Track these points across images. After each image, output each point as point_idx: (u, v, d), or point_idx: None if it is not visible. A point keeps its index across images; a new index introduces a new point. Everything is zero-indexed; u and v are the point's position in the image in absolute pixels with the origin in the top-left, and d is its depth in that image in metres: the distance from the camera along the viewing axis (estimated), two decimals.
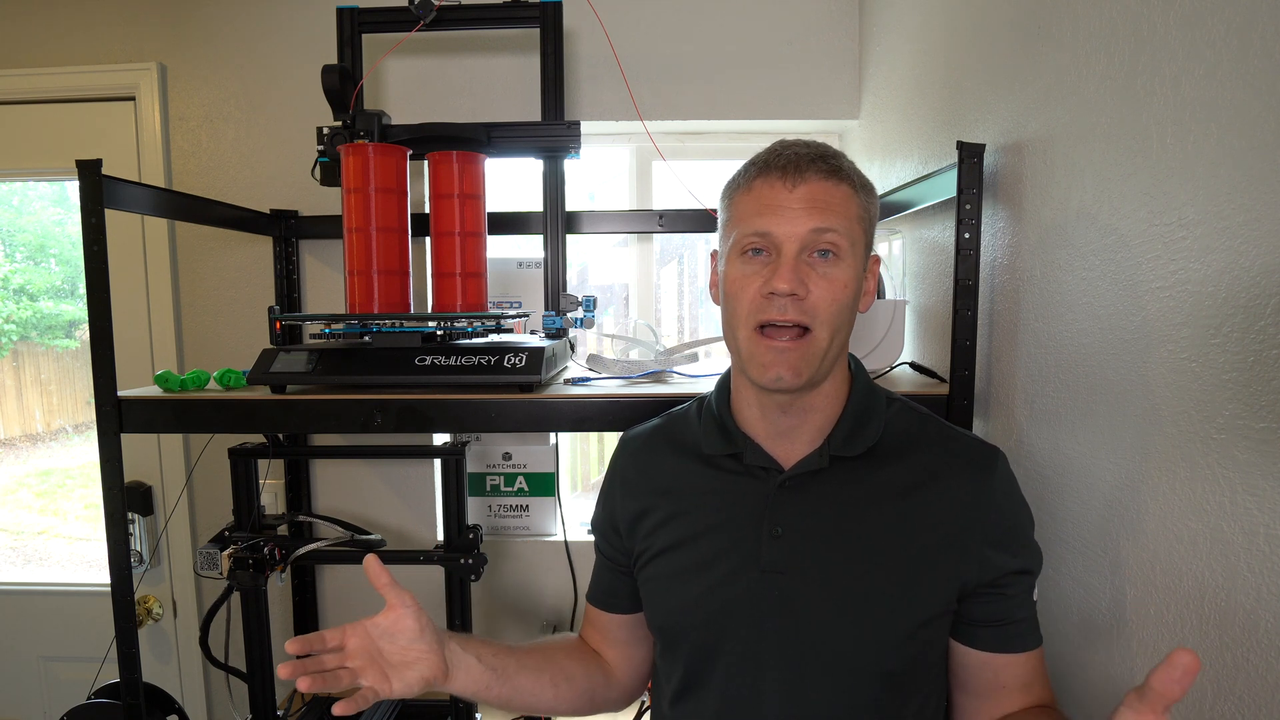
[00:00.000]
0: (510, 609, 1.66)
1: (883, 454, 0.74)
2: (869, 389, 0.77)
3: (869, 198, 0.72)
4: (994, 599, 0.71)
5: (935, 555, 0.70)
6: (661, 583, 0.77)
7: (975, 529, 0.70)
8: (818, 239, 0.67)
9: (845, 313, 0.70)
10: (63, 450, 1.86)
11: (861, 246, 0.71)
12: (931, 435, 0.75)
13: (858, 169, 0.72)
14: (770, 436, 0.75)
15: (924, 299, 1.22)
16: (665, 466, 0.81)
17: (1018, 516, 0.72)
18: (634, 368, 1.18)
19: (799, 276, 0.66)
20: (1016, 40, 0.91)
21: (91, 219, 0.97)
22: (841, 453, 0.73)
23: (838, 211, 0.68)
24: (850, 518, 0.72)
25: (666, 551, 0.77)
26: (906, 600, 0.70)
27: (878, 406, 0.76)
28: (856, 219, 0.70)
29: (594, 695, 0.85)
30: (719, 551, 0.74)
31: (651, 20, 1.53)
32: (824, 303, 0.67)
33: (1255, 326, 0.56)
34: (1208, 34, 0.60)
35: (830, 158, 0.70)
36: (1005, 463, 0.74)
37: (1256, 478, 0.56)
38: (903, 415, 0.77)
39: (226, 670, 1.36)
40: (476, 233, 1.19)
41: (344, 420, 1.01)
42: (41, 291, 1.77)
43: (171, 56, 1.57)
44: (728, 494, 0.76)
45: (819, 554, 0.71)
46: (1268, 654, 0.55)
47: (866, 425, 0.74)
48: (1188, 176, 0.62)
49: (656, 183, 1.69)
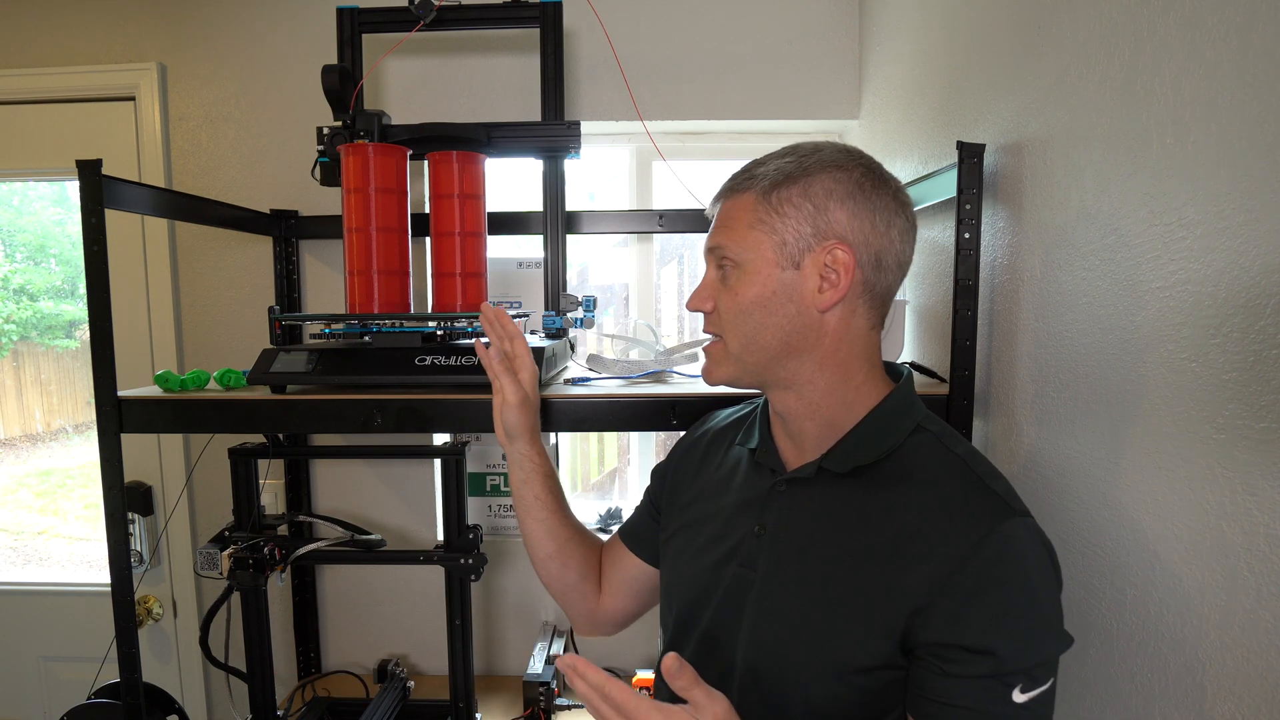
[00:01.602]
0: (510, 609, 1.66)
1: (880, 479, 0.68)
2: (896, 411, 0.70)
3: (785, 190, 0.67)
4: (928, 667, 0.60)
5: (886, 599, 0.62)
6: (671, 555, 0.83)
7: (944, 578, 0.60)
8: (717, 258, 0.73)
9: (750, 318, 0.69)
10: (63, 450, 1.86)
11: (771, 247, 0.67)
12: (949, 475, 0.66)
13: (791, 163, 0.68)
14: (783, 438, 0.77)
15: (924, 299, 1.22)
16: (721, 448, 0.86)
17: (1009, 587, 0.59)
18: (634, 368, 1.18)
19: (702, 295, 0.74)
20: (1016, 40, 0.91)
21: (91, 219, 0.97)
22: (829, 466, 0.70)
23: (731, 225, 0.71)
24: (818, 534, 0.69)
25: (685, 528, 0.82)
26: (836, 635, 0.64)
27: (895, 429, 0.69)
28: (755, 223, 0.68)
29: (569, 597, 0.94)
30: (715, 537, 0.77)
31: (651, 20, 1.53)
32: (727, 313, 0.72)
33: (1255, 326, 0.56)
34: (1208, 34, 0.60)
35: (749, 170, 0.71)
36: (1020, 530, 0.61)
37: (1256, 478, 0.56)
38: (926, 448, 0.68)
39: (226, 670, 1.36)
40: (476, 233, 1.19)
41: (344, 420, 1.01)
42: (41, 291, 1.77)
43: (171, 56, 1.57)
44: (741, 486, 0.78)
45: (781, 563, 0.70)
46: (1268, 654, 0.55)
47: (866, 444, 0.69)
48: (1188, 176, 0.62)
49: (656, 183, 1.69)
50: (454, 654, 1.33)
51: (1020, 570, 0.60)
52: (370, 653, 1.66)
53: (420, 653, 1.67)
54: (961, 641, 0.59)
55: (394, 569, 1.64)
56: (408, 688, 1.49)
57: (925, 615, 0.60)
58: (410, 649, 1.67)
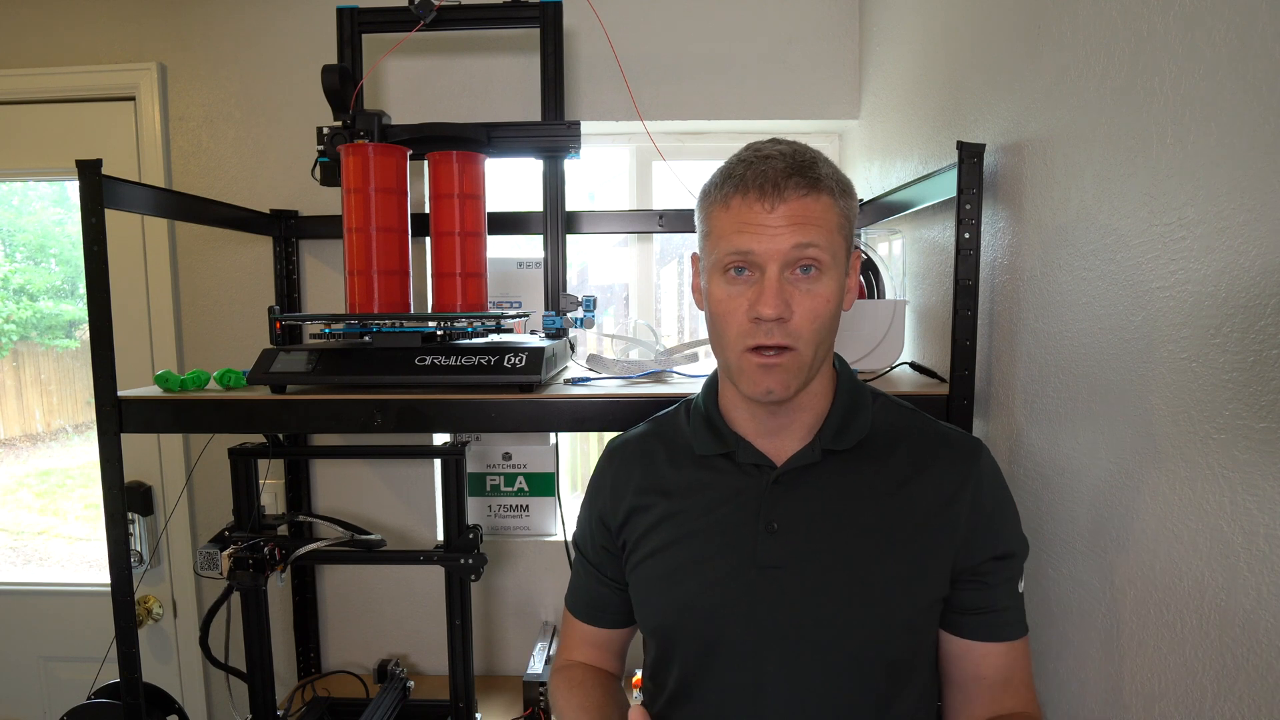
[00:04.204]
0: (510, 609, 1.66)
1: (872, 447, 0.76)
2: (854, 385, 0.79)
3: (848, 201, 0.71)
4: (976, 586, 0.73)
5: (929, 543, 0.72)
6: (656, 583, 0.77)
7: (961, 516, 0.72)
8: (800, 255, 0.67)
9: (828, 325, 0.70)
10: (63, 450, 1.86)
11: (843, 254, 0.71)
12: (917, 428, 0.77)
13: (835, 170, 0.71)
14: (760, 434, 0.76)
15: (924, 299, 1.22)
16: (658, 469, 0.81)
17: (1000, 505, 0.74)
18: (634, 368, 1.18)
19: (782, 299, 0.67)
20: (1017, 40, 0.91)
21: (91, 219, 0.97)
22: (833, 446, 0.74)
23: (818, 224, 0.67)
24: (846, 510, 0.73)
25: (660, 551, 0.77)
26: (906, 588, 0.71)
27: (864, 401, 0.78)
28: (837, 228, 0.69)
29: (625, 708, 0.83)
30: (714, 550, 0.74)
31: (651, 20, 1.53)
32: (807, 320, 0.68)
33: (1255, 326, 0.56)
34: (1208, 34, 0.60)
35: (808, 168, 0.68)
36: (988, 454, 0.76)
37: (1256, 478, 0.56)
38: (888, 410, 0.79)
39: (226, 670, 1.36)
40: (476, 233, 1.19)
41: (344, 420, 1.01)
42: (41, 291, 1.77)
43: (171, 56, 1.57)
44: (721, 493, 0.76)
45: (817, 547, 0.72)
46: (1268, 654, 0.55)
47: (855, 419, 0.76)
48: (1188, 176, 0.62)
49: (656, 183, 1.69)
50: (454, 654, 1.33)
51: (1002, 483, 0.75)
52: (370, 653, 1.66)
53: (420, 653, 1.67)
54: (992, 553, 0.72)
55: (394, 569, 1.64)
56: (408, 688, 1.49)
57: (967, 544, 0.72)
58: (410, 649, 1.67)
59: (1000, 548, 0.72)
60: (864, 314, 1.14)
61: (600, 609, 0.87)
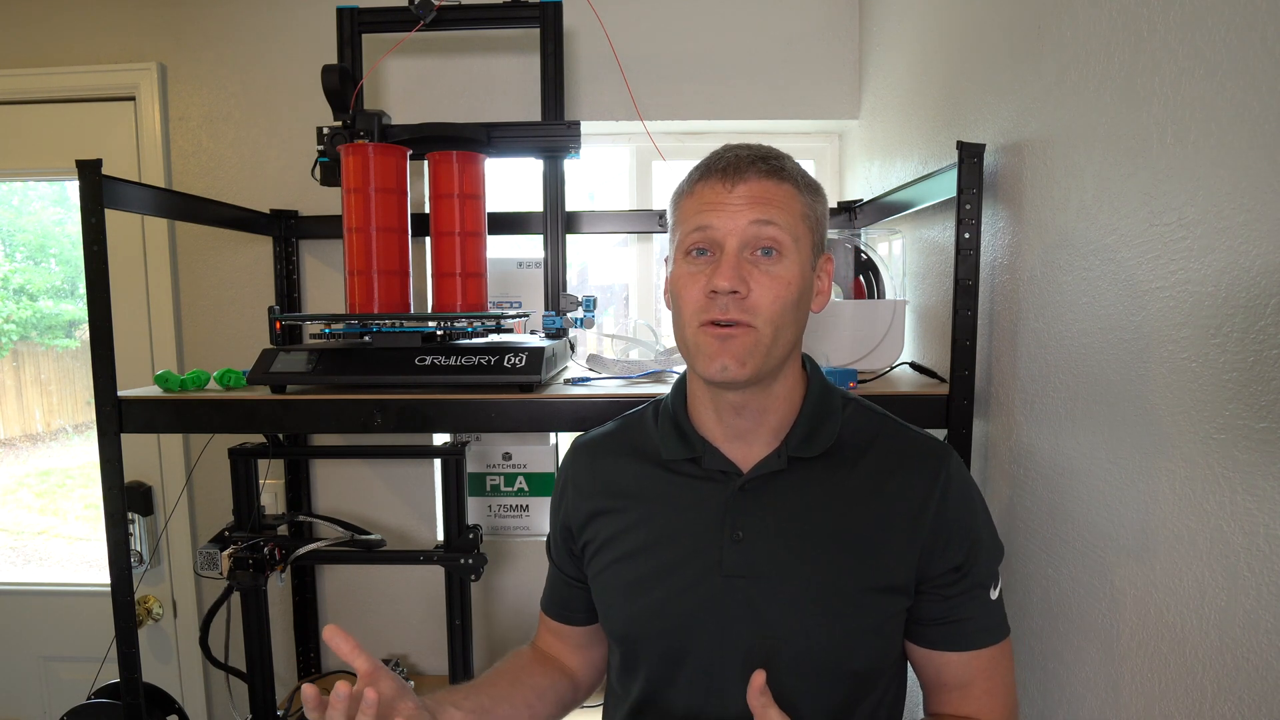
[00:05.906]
0: (510, 609, 1.66)
1: (840, 454, 0.74)
2: (825, 390, 0.77)
3: (814, 197, 0.72)
4: (936, 597, 0.71)
5: (895, 553, 0.71)
6: (620, 590, 0.76)
7: (925, 526, 0.70)
8: (759, 233, 0.67)
9: (789, 310, 0.68)
10: (63, 450, 1.86)
11: (808, 245, 0.70)
12: (887, 435, 0.76)
13: (803, 170, 0.72)
14: (727, 439, 0.75)
15: (924, 299, 1.22)
16: (621, 471, 0.79)
17: (965, 514, 0.72)
18: (634, 368, 1.18)
19: (739, 274, 0.66)
20: (1016, 40, 0.91)
21: (91, 219, 0.97)
22: (799, 454, 0.73)
23: (779, 206, 0.67)
24: (812, 519, 0.72)
25: (625, 559, 0.76)
26: (872, 598, 0.70)
27: (833, 407, 0.76)
28: (800, 216, 0.69)
29: (563, 702, 0.86)
30: (679, 558, 0.73)
31: (651, 20, 1.53)
32: (765, 300, 0.67)
33: (1255, 326, 0.56)
34: (1208, 34, 0.60)
35: (772, 158, 0.69)
36: (958, 461, 0.74)
37: (1256, 478, 0.56)
38: (859, 416, 0.77)
39: (226, 670, 1.36)
40: (476, 233, 1.19)
41: (344, 420, 1.01)
42: (41, 291, 1.77)
43: (171, 56, 1.57)
44: (686, 499, 0.75)
45: (782, 556, 0.71)
46: (1268, 654, 0.55)
47: (823, 426, 0.74)
48: (1187, 176, 0.62)
49: (656, 183, 1.69)
50: (454, 654, 1.33)
51: (971, 492, 0.74)
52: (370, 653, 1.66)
53: (420, 653, 1.67)
54: (951, 563, 0.71)
55: (394, 569, 1.64)
56: None
57: (930, 552, 0.70)
58: (410, 649, 1.67)
59: (960, 558, 0.71)
60: (864, 314, 1.14)
61: (569, 609, 0.86)
